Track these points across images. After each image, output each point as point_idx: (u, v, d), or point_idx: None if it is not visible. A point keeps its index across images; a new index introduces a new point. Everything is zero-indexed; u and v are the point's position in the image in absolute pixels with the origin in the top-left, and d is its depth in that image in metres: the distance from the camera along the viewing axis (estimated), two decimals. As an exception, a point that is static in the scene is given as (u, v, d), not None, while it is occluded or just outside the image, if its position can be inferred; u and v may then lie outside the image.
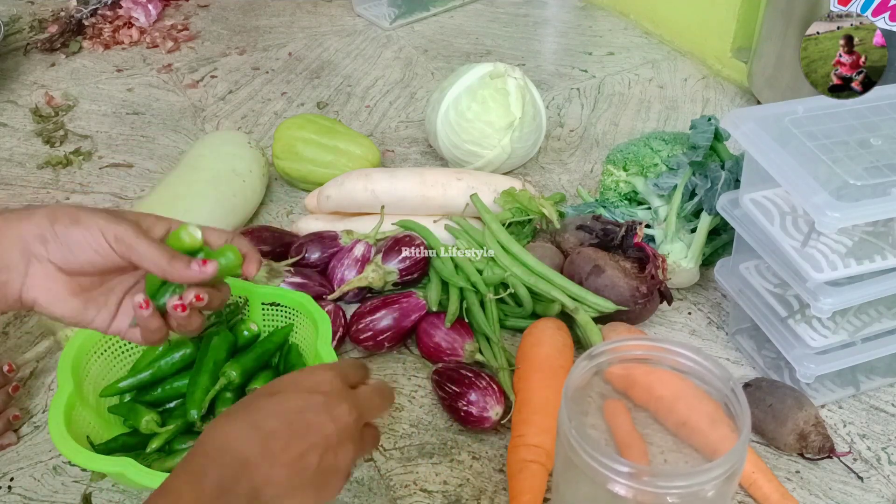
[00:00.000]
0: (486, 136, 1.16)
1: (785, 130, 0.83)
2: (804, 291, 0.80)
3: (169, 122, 1.39)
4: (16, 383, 0.90)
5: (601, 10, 1.72)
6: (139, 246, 0.62)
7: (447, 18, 1.71)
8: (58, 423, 0.73)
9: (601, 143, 1.32)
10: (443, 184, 1.09)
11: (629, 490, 0.59)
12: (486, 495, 0.82)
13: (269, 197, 1.21)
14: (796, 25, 1.23)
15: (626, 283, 0.94)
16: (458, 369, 0.89)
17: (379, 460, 0.85)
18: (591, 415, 0.75)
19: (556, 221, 1.06)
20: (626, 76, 1.50)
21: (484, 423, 0.85)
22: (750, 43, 1.38)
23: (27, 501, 0.82)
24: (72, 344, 0.81)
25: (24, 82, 1.50)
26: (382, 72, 1.52)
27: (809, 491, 0.82)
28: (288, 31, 1.67)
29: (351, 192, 1.09)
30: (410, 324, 0.95)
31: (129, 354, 0.87)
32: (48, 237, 0.62)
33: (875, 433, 0.88)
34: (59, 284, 0.63)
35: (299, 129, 1.19)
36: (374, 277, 0.98)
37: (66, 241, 0.62)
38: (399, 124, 1.38)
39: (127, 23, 1.66)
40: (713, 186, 1.00)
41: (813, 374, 0.83)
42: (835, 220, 0.74)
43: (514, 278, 0.96)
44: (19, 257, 0.62)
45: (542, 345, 0.90)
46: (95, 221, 0.61)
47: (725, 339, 0.99)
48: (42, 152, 1.32)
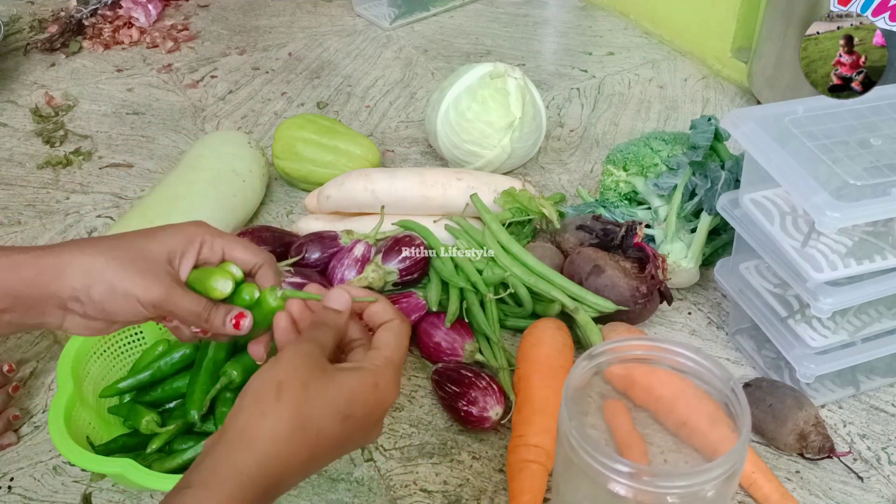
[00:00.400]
0: (486, 136, 1.16)
1: (785, 130, 0.83)
2: (804, 291, 0.80)
3: (169, 122, 1.39)
4: (16, 383, 0.90)
5: (601, 10, 1.72)
6: (177, 308, 0.63)
7: (447, 18, 1.71)
8: (58, 423, 0.74)
9: (601, 143, 1.32)
10: (443, 184, 1.09)
11: (629, 490, 0.59)
12: (486, 495, 0.82)
13: (269, 197, 1.21)
14: (796, 25, 1.23)
15: (626, 283, 0.94)
16: (458, 369, 0.89)
17: (379, 460, 0.85)
18: (591, 415, 0.75)
19: (556, 221, 1.06)
20: (626, 76, 1.50)
21: (484, 423, 0.85)
22: (750, 43, 1.38)
23: (27, 501, 0.82)
24: (71, 345, 0.81)
25: (24, 82, 1.50)
26: (382, 72, 1.52)
27: (809, 491, 0.82)
28: (288, 31, 1.67)
29: (351, 192, 1.09)
30: (410, 324, 0.95)
31: (128, 355, 0.87)
32: (84, 300, 0.62)
33: (875, 433, 0.88)
34: (98, 323, 0.65)
35: (299, 129, 1.19)
36: (374, 277, 0.98)
37: (104, 308, 0.62)
38: (399, 124, 1.38)
39: (127, 23, 1.66)
40: (713, 186, 1.00)
41: (813, 374, 0.83)
42: (835, 220, 0.74)
43: (514, 278, 0.96)
44: (56, 309, 0.63)
45: (542, 345, 0.90)
46: (132, 291, 0.61)
47: (725, 339, 0.99)
48: (42, 152, 1.32)
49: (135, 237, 0.65)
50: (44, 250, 0.63)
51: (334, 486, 0.83)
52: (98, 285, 0.61)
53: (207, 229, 0.67)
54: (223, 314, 0.64)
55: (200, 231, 0.66)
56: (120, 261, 0.62)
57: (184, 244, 0.65)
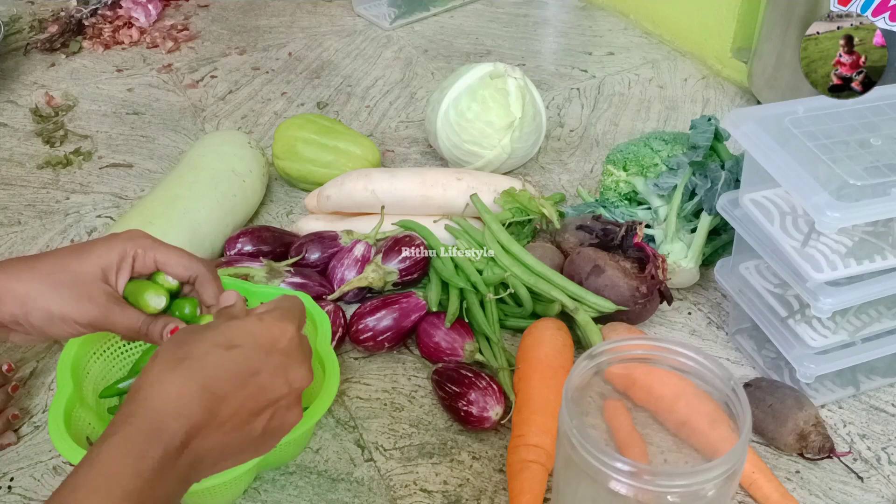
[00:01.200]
0: (486, 136, 1.16)
1: (785, 130, 0.83)
2: (804, 291, 0.80)
3: (169, 122, 1.39)
4: (15, 383, 0.90)
5: (601, 10, 1.72)
6: (114, 326, 0.65)
7: (447, 18, 1.71)
8: (58, 424, 0.73)
9: (601, 143, 1.32)
10: (443, 184, 1.09)
11: (630, 489, 0.59)
12: (486, 495, 0.82)
13: (269, 197, 1.21)
14: (796, 25, 1.23)
15: (626, 283, 0.94)
16: (458, 369, 0.89)
17: (379, 460, 0.85)
18: (592, 415, 0.75)
19: (556, 221, 1.06)
20: (626, 76, 1.50)
21: (484, 423, 0.85)
22: (750, 43, 1.38)
23: (27, 501, 0.82)
24: (71, 346, 0.81)
25: (24, 82, 1.50)
26: (382, 72, 1.52)
27: (809, 491, 0.82)
28: (288, 31, 1.67)
29: (351, 192, 1.09)
30: (410, 324, 0.95)
31: (128, 355, 0.87)
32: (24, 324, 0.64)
33: (875, 433, 0.88)
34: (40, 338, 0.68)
35: (299, 129, 1.19)
36: (374, 277, 0.98)
37: (44, 331, 0.65)
38: (399, 124, 1.38)
39: (127, 23, 1.66)
40: (713, 186, 1.00)
41: (813, 374, 0.83)
42: (835, 220, 0.74)
43: (514, 278, 0.96)
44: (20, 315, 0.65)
45: (542, 345, 0.90)
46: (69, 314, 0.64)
47: (725, 339, 0.99)
48: (42, 152, 1.32)
49: (68, 257, 0.66)
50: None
51: (334, 486, 0.83)
52: (35, 312, 0.63)
53: (141, 240, 0.68)
54: (160, 327, 0.66)
55: (133, 243, 0.67)
56: (54, 286, 0.64)
57: (117, 259, 0.67)
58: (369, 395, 0.92)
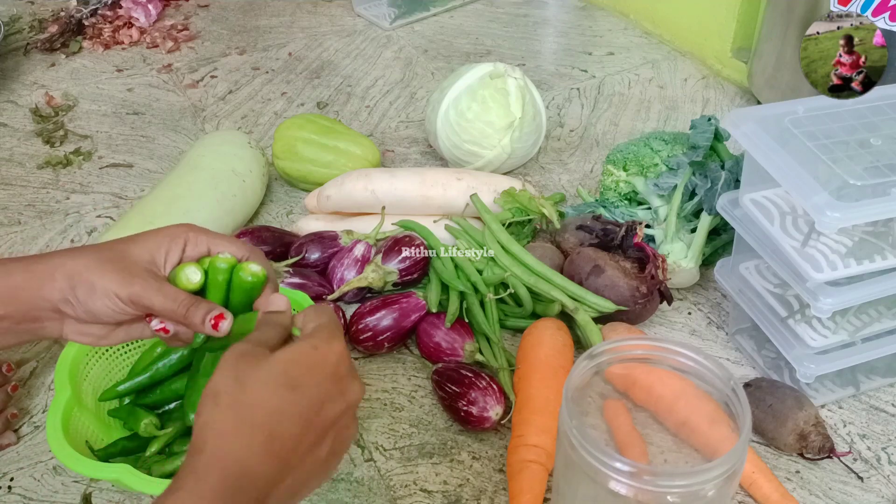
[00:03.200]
0: (486, 136, 1.16)
1: (785, 130, 0.83)
2: (804, 291, 0.80)
3: (169, 122, 1.39)
4: (14, 383, 0.90)
5: (601, 10, 1.72)
6: (155, 303, 0.64)
7: (447, 18, 1.71)
8: (55, 429, 0.73)
9: (601, 143, 1.32)
10: (443, 184, 1.09)
11: (630, 489, 0.59)
12: (486, 495, 0.82)
13: (269, 197, 1.21)
14: (796, 25, 1.23)
15: (626, 283, 0.94)
16: (458, 369, 0.89)
17: (379, 460, 0.85)
18: (591, 415, 0.75)
19: (556, 221, 1.06)
20: (626, 76, 1.50)
21: (484, 423, 0.85)
22: (750, 43, 1.38)
23: (27, 501, 0.82)
24: (69, 348, 0.80)
25: (24, 82, 1.50)
26: (382, 72, 1.52)
27: (809, 491, 0.82)
28: (288, 31, 1.67)
29: (351, 192, 1.09)
30: (410, 324, 0.95)
31: (127, 357, 0.87)
32: (72, 301, 0.64)
33: (875, 433, 0.88)
34: (94, 328, 0.67)
35: (299, 129, 1.19)
36: (374, 277, 0.98)
37: (88, 307, 0.64)
38: (399, 124, 1.38)
39: (127, 23, 1.66)
40: (713, 186, 1.00)
41: (813, 374, 0.83)
42: (835, 220, 0.74)
43: (514, 278, 0.96)
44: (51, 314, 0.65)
45: (542, 345, 0.90)
46: (111, 287, 0.63)
47: (725, 339, 0.99)
48: (42, 152, 1.32)
49: (119, 242, 0.67)
50: (35, 258, 0.66)
51: (334, 486, 0.83)
52: (81, 286, 0.63)
53: (192, 228, 0.68)
54: (203, 312, 0.64)
55: (184, 230, 0.67)
56: (100, 261, 0.64)
57: (167, 244, 0.66)
58: (369, 395, 0.92)
